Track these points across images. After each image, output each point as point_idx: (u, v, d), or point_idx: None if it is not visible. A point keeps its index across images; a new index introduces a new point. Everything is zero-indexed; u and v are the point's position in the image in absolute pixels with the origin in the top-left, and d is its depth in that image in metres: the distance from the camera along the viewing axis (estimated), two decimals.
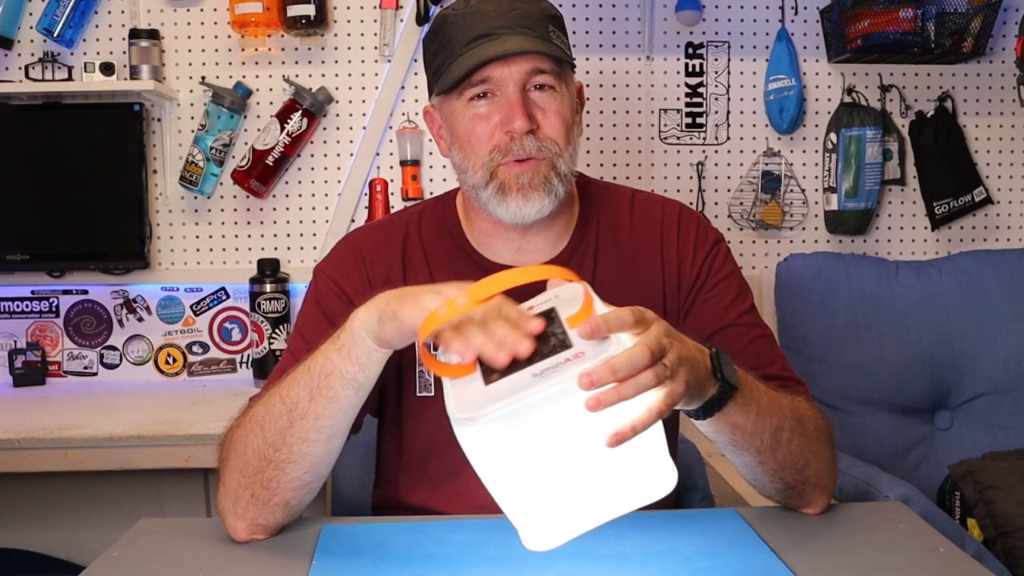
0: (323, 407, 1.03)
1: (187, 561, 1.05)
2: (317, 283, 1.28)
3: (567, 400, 0.83)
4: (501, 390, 0.84)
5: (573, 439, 0.85)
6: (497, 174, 1.19)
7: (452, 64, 1.18)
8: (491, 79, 1.18)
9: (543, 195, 1.19)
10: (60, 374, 2.46)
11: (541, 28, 1.18)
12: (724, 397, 0.99)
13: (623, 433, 0.84)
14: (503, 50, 1.15)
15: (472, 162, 1.21)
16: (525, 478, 0.87)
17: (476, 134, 1.20)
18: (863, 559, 1.03)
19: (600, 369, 0.81)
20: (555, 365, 0.83)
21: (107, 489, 2.32)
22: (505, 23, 1.17)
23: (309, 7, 2.33)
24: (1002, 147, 2.60)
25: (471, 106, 1.20)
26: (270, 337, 2.33)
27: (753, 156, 2.54)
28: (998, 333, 2.20)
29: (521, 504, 0.89)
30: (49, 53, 2.38)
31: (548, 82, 1.19)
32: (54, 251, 2.41)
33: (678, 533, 1.09)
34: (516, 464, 0.86)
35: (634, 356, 0.84)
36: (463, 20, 1.18)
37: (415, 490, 1.27)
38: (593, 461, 0.87)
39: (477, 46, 1.16)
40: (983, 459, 2.00)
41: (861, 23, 2.37)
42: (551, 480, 0.87)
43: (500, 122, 1.18)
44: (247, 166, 2.37)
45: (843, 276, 2.23)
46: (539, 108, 1.19)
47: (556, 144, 1.19)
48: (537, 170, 1.19)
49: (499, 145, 1.19)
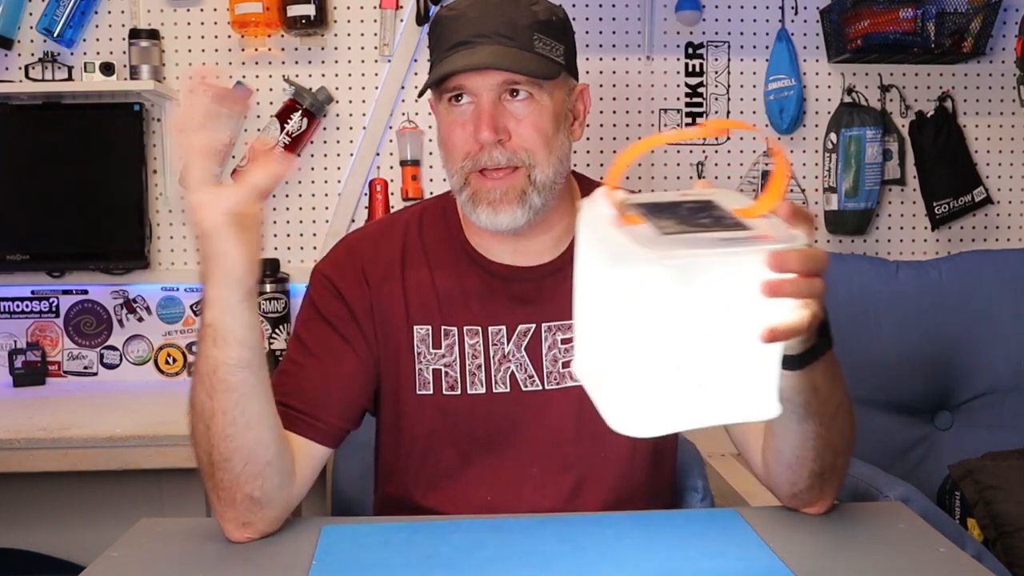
0: (225, 402, 1.03)
1: (187, 561, 1.05)
2: (314, 284, 1.28)
3: (740, 277, 0.80)
4: (682, 241, 0.79)
5: (719, 324, 0.81)
6: (470, 182, 1.19)
7: (436, 66, 1.20)
8: (465, 87, 1.18)
9: (515, 207, 1.18)
10: (60, 374, 2.46)
11: (523, 37, 1.17)
12: (822, 350, 0.99)
13: (779, 331, 0.81)
14: (469, 63, 1.15)
15: (450, 165, 1.22)
16: (654, 347, 0.82)
17: (452, 139, 1.20)
18: (863, 559, 1.03)
19: (793, 255, 0.79)
20: (740, 239, 0.80)
21: (107, 489, 2.32)
22: (486, 30, 1.16)
23: (309, 7, 2.33)
24: (1002, 147, 2.61)
25: (451, 110, 1.20)
26: (270, 337, 2.33)
27: (753, 156, 2.54)
28: (998, 333, 2.20)
29: (633, 377, 0.83)
30: (49, 53, 2.38)
31: (524, 94, 1.18)
32: (54, 251, 2.41)
33: (678, 533, 1.09)
34: (658, 326, 0.80)
35: (821, 257, 0.83)
36: (451, 22, 1.19)
37: (415, 490, 1.27)
38: (723, 355, 0.83)
39: (453, 53, 1.17)
40: (983, 459, 2.00)
41: (861, 23, 2.38)
42: (676, 360, 0.82)
43: (472, 130, 1.18)
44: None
45: (843, 276, 2.23)
46: (513, 117, 1.18)
47: (530, 154, 1.18)
48: (511, 184, 1.18)
49: (470, 153, 1.18)
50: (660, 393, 0.83)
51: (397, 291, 1.25)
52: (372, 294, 1.25)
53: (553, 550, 1.03)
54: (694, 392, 0.84)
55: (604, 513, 1.17)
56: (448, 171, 1.23)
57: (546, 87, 1.19)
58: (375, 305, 1.24)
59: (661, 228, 0.80)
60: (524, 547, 1.05)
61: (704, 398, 0.84)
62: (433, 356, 1.24)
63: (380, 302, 1.24)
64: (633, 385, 0.83)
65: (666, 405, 0.83)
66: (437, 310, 1.24)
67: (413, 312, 1.25)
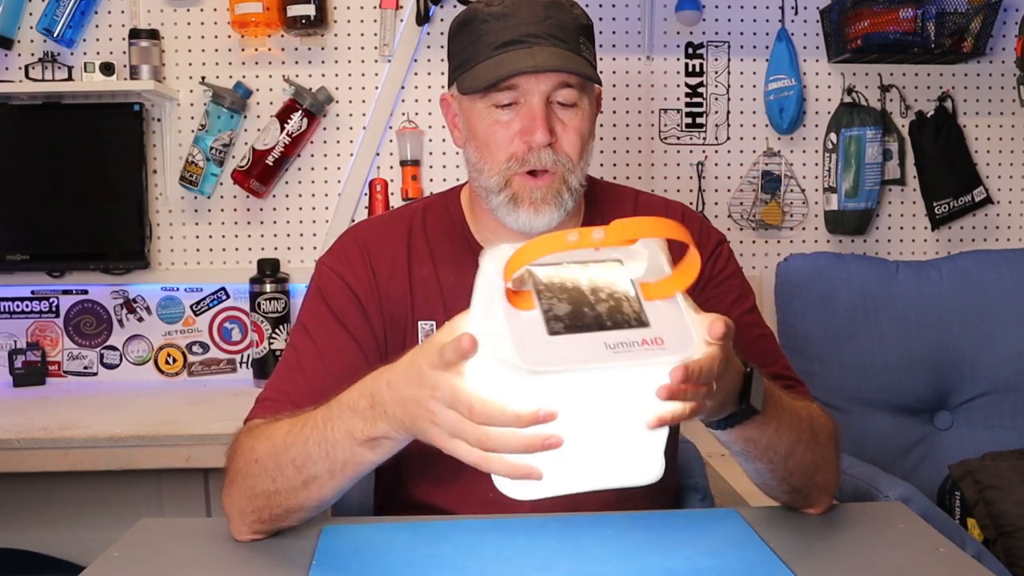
0: (346, 483, 1.03)
1: (187, 561, 1.05)
2: (320, 276, 1.27)
3: (630, 379, 0.81)
4: (568, 350, 0.78)
5: (604, 409, 0.83)
6: (512, 183, 1.19)
7: (480, 65, 1.17)
8: (518, 87, 1.17)
9: (553, 209, 1.19)
10: (60, 374, 2.46)
11: (573, 40, 1.17)
12: (742, 418, 0.99)
13: (666, 419, 0.84)
14: (534, 64, 1.14)
15: (489, 165, 1.20)
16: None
17: (495, 140, 1.19)
18: (863, 559, 1.03)
19: (679, 374, 0.81)
20: (631, 343, 0.80)
21: (107, 489, 2.32)
22: (539, 31, 1.15)
23: (309, 7, 2.33)
24: (1002, 147, 2.60)
25: (494, 111, 1.19)
26: (270, 337, 2.33)
27: (753, 156, 2.54)
28: (998, 333, 2.20)
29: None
30: (49, 53, 2.38)
31: (572, 98, 1.18)
32: (54, 251, 2.41)
33: (678, 533, 1.09)
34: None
35: (713, 371, 0.84)
36: (496, 20, 1.17)
37: (418, 487, 1.27)
38: (607, 433, 0.85)
39: (508, 52, 1.15)
40: (983, 459, 2.00)
41: (861, 23, 2.38)
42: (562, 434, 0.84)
43: (520, 131, 1.17)
44: (247, 166, 2.37)
45: (843, 276, 2.23)
46: (560, 121, 1.18)
47: (571, 159, 1.19)
48: (551, 185, 1.18)
49: (516, 154, 1.18)
50: (547, 464, 0.84)
51: (404, 286, 1.25)
52: (380, 289, 1.24)
53: (553, 550, 1.03)
54: (580, 462, 0.86)
55: (604, 513, 1.17)
56: (484, 169, 1.21)
57: (587, 92, 1.20)
58: (383, 300, 1.24)
59: (549, 323, 0.80)
60: (525, 547, 1.05)
61: (589, 466, 0.86)
62: None
63: (387, 297, 1.24)
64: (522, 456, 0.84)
65: (551, 471, 0.85)
66: (442, 306, 1.24)
67: (418, 308, 1.25)
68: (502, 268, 0.82)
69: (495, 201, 1.21)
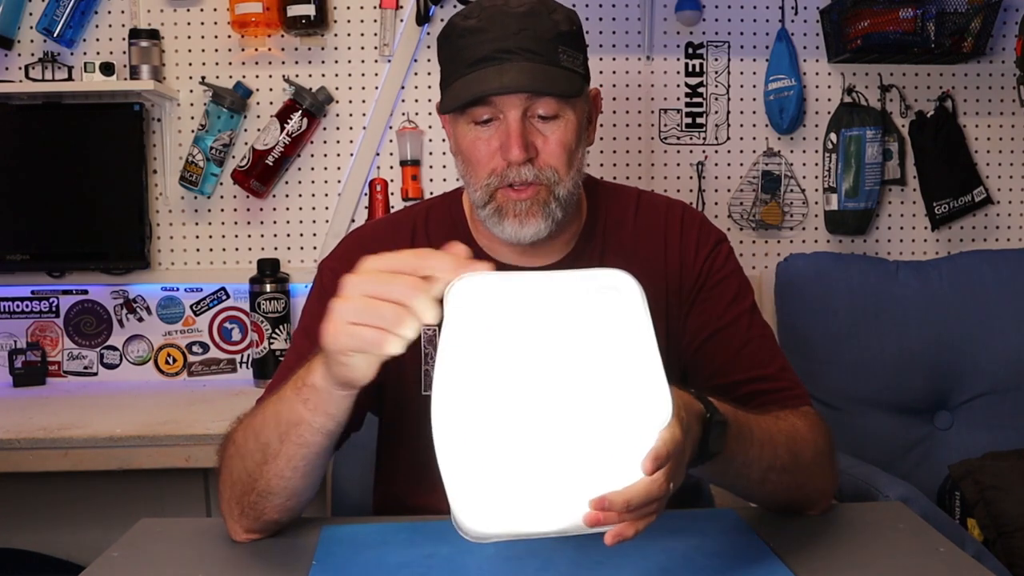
0: (294, 451, 1.01)
1: (187, 561, 1.05)
2: (323, 279, 1.27)
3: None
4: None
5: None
6: (496, 197, 1.19)
7: (457, 82, 1.16)
8: (494, 103, 1.16)
9: (540, 220, 1.18)
10: (60, 374, 2.46)
11: (549, 52, 1.15)
12: (701, 461, 0.97)
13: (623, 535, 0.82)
14: (501, 85, 1.13)
15: (473, 180, 1.20)
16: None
17: (477, 156, 1.19)
18: (863, 559, 1.03)
19: (613, 516, 0.80)
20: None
21: (107, 489, 2.32)
22: (511, 46, 1.13)
23: (309, 7, 2.33)
24: (1002, 147, 2.60)
25: (474, 127, 1.18)
26: (270, 337, 2.33)
27: (753, 156, 2.54)
28: (998, 333, 2.20)
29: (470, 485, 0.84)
30: (49, 53, 2.38)
31: (552, 110, 1.16)
32: (54, 251, 2.40)
33: (678, 533, 1.09)
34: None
35: (652, 493, 0.81)
36: (471, 35, 1.15)
37: (417, 490, 1.27)
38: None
39: (479, 70, 1.14)
40: (983, 459, 2.00)
41: (861, 23, 2.38)
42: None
43: (499, 148, 1.17)
44: (247, 166, 2.37)
45: (843, 276, 2.23)
46: (540, 135, 1.17)
47: (555, 171, 1.18)
48: (536, 197, 1.18)
49: (496, 169, 1.18)
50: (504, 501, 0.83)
51: None
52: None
53: (553, 550, 1.03)
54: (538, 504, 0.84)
55: None
56: (470, 185, 1.21)
57: (571, 102, 1.18)
58: None
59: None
60: (524, 547, 1.05)
61: (547, 508, 0.84)
62: None
63: None
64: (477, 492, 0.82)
65: (509, 509, 0.83)
66: None
67: None
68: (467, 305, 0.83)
69: (482, 213, 1.21)
